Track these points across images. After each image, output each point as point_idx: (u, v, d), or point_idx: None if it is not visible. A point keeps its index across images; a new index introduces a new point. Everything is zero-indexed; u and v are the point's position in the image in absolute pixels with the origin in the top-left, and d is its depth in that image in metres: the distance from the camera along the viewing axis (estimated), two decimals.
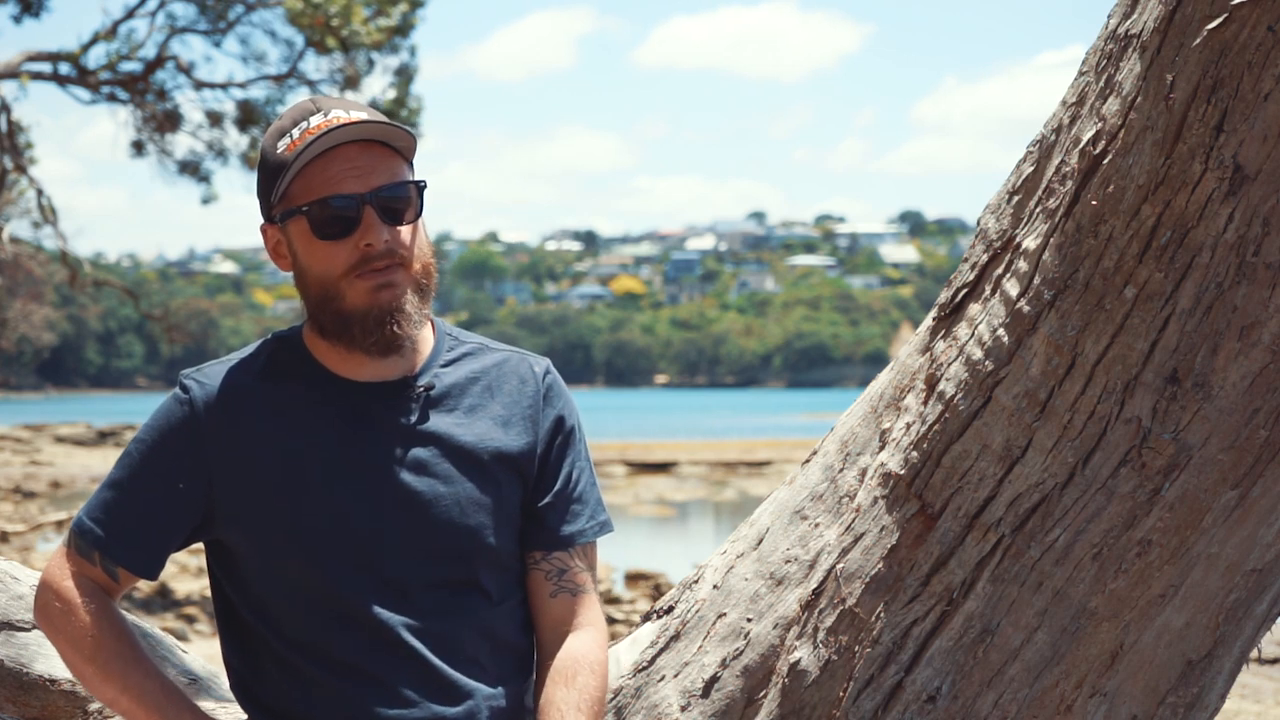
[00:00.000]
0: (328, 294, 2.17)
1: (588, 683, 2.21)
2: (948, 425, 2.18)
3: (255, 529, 2.19)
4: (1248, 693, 8.69)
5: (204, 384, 2.23)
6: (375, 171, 2.16)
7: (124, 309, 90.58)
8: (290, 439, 2.20)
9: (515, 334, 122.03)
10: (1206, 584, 2.13)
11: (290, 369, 2.25)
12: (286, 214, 2.18)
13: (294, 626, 2.18)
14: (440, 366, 2.27)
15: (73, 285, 20.85)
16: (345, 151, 2.15)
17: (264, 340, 2.32)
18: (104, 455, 37.29)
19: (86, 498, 2.29)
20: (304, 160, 2.13)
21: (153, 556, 2.23)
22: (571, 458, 2.31)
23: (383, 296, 2.15)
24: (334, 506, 2.17)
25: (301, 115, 2.18)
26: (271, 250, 2.25)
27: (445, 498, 2.20)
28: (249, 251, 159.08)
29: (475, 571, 2.22)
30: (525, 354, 2.35)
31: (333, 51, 16.54)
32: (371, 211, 2.14)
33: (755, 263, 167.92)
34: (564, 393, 2.34)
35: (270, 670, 2.19)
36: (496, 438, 2.25)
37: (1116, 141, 2.00)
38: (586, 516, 2.31)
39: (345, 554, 2.17)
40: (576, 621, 2.28)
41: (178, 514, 2.21)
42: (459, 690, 2.17)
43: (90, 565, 2.22)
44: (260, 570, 2.20)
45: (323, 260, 2.16)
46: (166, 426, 2.23)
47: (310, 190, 2.15)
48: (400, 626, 2.16)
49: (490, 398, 2.28)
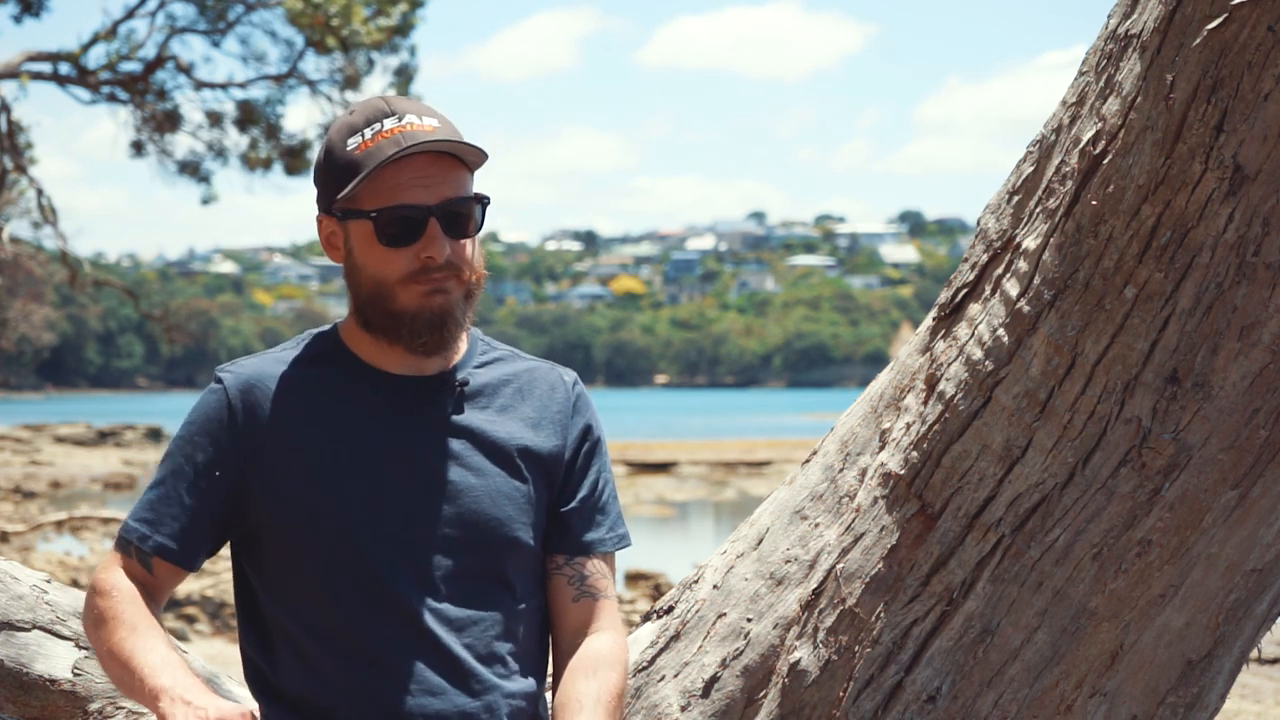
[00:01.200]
0: (380, 294, 2.20)
1: (609, 677, 2.22)
2: (948, 425, 2.18)
3: (286, 515, 2.20)
4: (1248, 693, 8.69)
5: (237, 374, 2.26)
6: (443, 184, 2.18)
7: (124, 309, 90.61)
8: (323, 426, 2.22)
9: (515, 334, 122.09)
10: (1206, 584, 2.13)
11: (326, 360, 2.28)
12: (350, 213, 2.20)
13: (318, 614, 2.19)
14: (474, 367, 2.31)
15: (73, 285, 20.85)
16: (416, 160, 2.17)
17: (300, 336, 2.35)
18: (104, 455, 37.31)
19: (87, 498, 2.31)
20: (377, 166, 2.14)
21: (189, 545, 2.23)
22: (598, 466, 2.35)
23: (435, 301, 2.18)
24: (365, 493, 2.20)
25: (375, 115, 2.20)
26: (325, 240, 2.27)
27: (476, 488, 2.23)
28: (249, 251, 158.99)
29: (502, 564, 2.24)
30: (555, 365, 2.40)
31: (333, 51, 16.54)
32: (436, 224, 2.17)
33: (755, 263, 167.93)
34: (591, 404, 2.38)
35: (290, 660, 2.21)
36: (527, 437, 2.29)
37: (1116, 141, 2.00)
38: (608, 527, 2.34)
39: (376, 540, 2.18)
40: (597, 625, 2.29)
41: (215, 502, 2.23)
42: (480, 683, 2.18)
43: (128, 559, 2.24)
44: (288, 557, 2.21)
45: (381, 264, 2.18)
46: (202, 418, 2.25)
47: (378, 195, 2.16)
48: (425, 615, 2.18)
49: (521, 400, 2.32)
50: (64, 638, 2.66)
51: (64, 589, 2.75)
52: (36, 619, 2.66)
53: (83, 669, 2.63)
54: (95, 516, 19.01)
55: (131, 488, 28.04)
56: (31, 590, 2.69)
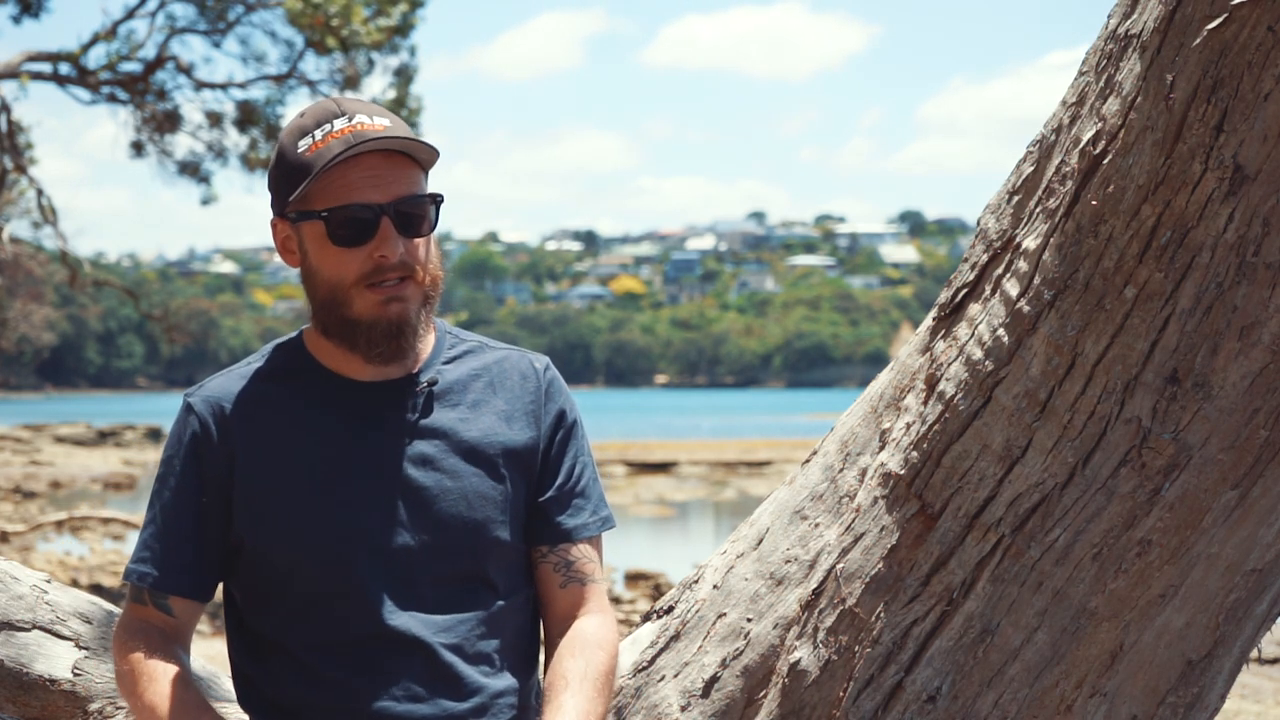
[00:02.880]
0: (336, 299, 2.18)
1: (595, 655, 2.22)
2: (948, 425, 2.18)
3: (265, 529, 2.19)
4: (1248, 693, 8.69)
5: (205, 396, 2.25)
6: (395, 182, 2.16)
7: (124, 309, 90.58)
8: (295, 439, 2.21)
9: (515, 334, 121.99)
10: (1206, 584, 2.13)
11: (292, 371, 2.26)
12: (302, 215, 2.18)
13: (303, 624, 2.19)
14: (442, 364, 2.29)
15: (73, 285, 20.84)
16: (367, 159, 2.15)
17: (263, 349, 2.33)
18: (104, 455, 37.30)
19: (87, 498, 2.31)
20: (325, 164, 2.13)
21: (198, 576, 2.23)
22: (573, 452, 2.33)
23: (391, 310, 2.17)
24: (342, 504, 2.18)
25: (325, 116, 2.18)
26: (280, 245, 2.25)
27: (452, 492, 2.21)
28: (249, 251, 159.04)
29: (483, 566, 2.23)
30: (525, 351, 2.37)
31: (333, 52, 16.54)
32: (389, 223, 2.15)
33: (755, 263, 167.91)
34: (564, 389, 2.36)
35: (278, 671, 2.20)
36: (500, 432, 2.27)
37: (1116, 141, 2.00)
38: (590, 510, 2.33)
39: (355, 551, 2.18)
40: (586, 609, 2.29)
41: (210, 526, 2.22)
42: (468, 686, 2.18)
43: (144, 608, 2.23)
44: (269, 572, 2.21)
45: (335, 265, 2.16)
46: (177, 446, 2.25)
47: (329, 195, 2.15)
48: (409, 622, 2.17)
49: (493, 393, 2.29)
50: (64, 638, 2.66)
51: (64, 589, 2.75)
52: (36, 619, 2.66)
53: (83, 669, 2.63)
54: (95, 516, 19.02)
55: (132, 488, 28.06)
56: (31, 590, 2.69)
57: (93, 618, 2.71)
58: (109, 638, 2.68)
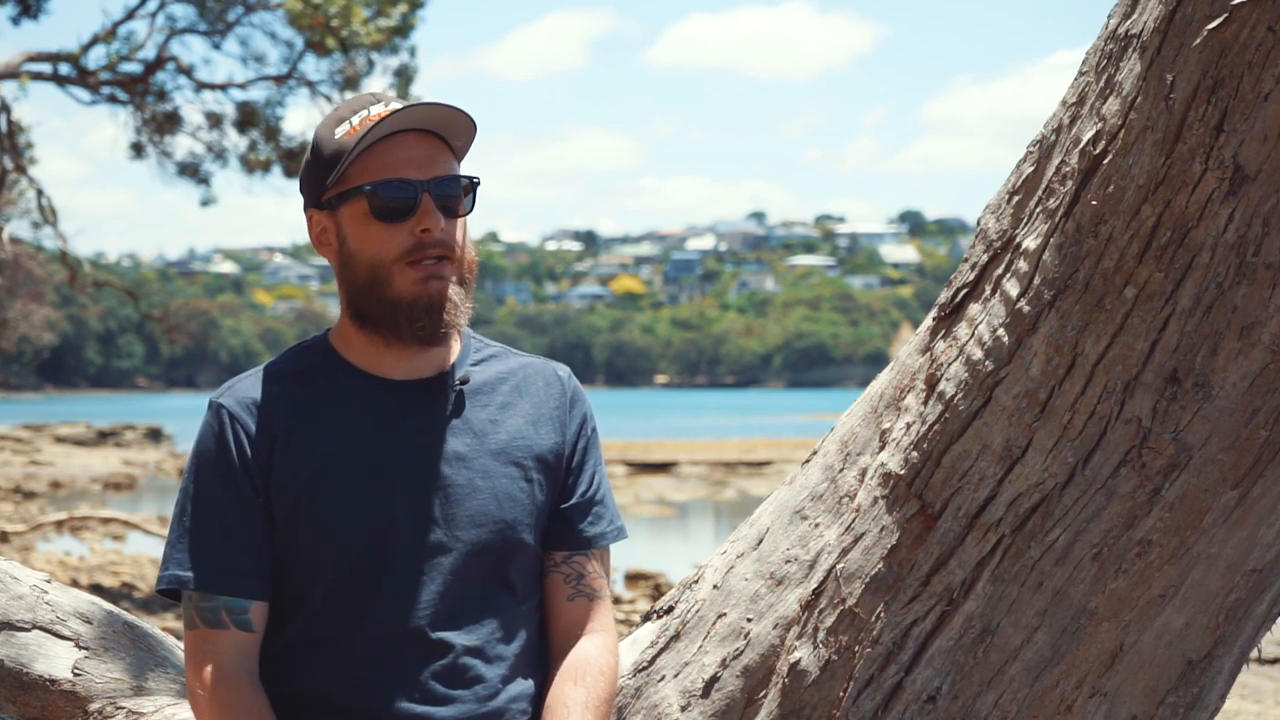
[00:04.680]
0: (377, 278, 2.18)
1: (596, 683, 2.23)
2: (948, 425, 2.18)
3: (295, 525, 2.19)
4: (1248, 693, 8.69)
5: (236, 397, 2.23)
6: (434, 163, 2.19)
7: (124, 309, 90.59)
8: (329, 436, 2.21)
9: (515, 334, 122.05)
10: (1206, 584, 2.13)
11: (321, 371, 2.26)
12: (343, 196, 2.19)
13: (326, 620, 2.19)
14: (471, 365, 2.30)
15: (73, 285, 20.83)
16: (405, 140, 2.18)
17: (286, 351, 2.32)
18: (104, 455, 37.31)
19: (87, 498, 2.29)
20: (367, 143, 2.15)
21: (266, 579, 2.20)
22: (594, 460, 2.35)
23: (431, 286, 2.17)
24: (379, 501, 2.18)
25: (361, 105, 2.21)
26: (315, 237, 2.26)
27: (483, 491, 2.22)
28: (249, 252, 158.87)
29: (506, 567, 2.24)
30: (547, 360, 2.39)
31: (333, 52, 16.52)
32: (429, 199, 2.17)
33: (755, 263, 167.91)
34: (585, 397, 2.38)
35: (299, 665, 2.20)
36: (528, 435, 2.28)
37: (1116, 141, 2.00)
38: (607, 520, 2.35)
39: (385, 548, 2.18)
40: (590, 626, 2.30)
41: (264, 526, 2.19)
42: (487, 688, 2.19)
43: (217, 634, 2.17)
44: (298, 565, 2.20)
45: (377, 243, 2.17)
46: (214, 448, 2.21)
47: (369, 173, 2.17)
48: (434, 621, 2.17)
49: (520, 397, 2.31)
50: (64, 638, 2.66)
51: (64, 589, 2.75)
52: (36, 619, 2.66)
53: (83, 669, 2.63)
54: (95, 516, 19.02)
55: (132, 488, 28.04)
56: (31, 590, 2.69)
57: (93, 618, 2.71)
58: (109, 638, 2.68)
